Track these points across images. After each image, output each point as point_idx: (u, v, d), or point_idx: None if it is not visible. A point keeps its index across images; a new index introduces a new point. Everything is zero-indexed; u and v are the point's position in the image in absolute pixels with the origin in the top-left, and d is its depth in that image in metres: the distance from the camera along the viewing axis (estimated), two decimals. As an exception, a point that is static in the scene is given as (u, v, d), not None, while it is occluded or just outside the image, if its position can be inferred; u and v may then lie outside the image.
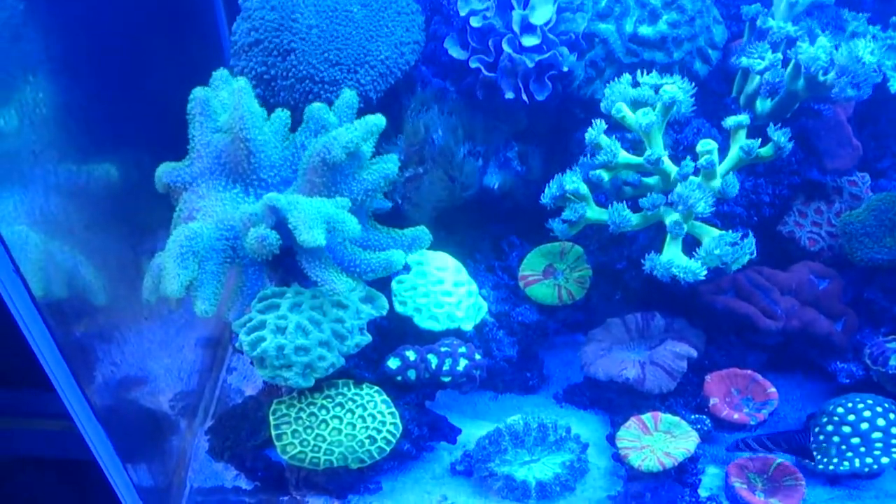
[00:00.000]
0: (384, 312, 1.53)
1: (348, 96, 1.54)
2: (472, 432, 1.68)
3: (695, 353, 1.66)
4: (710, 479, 1.63)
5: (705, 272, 1.44)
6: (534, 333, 1.76)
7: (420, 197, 1.72)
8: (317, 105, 1.51)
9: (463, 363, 1.58)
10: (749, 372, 1.68)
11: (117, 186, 1.50)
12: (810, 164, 1.73)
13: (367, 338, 1.51)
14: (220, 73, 1.60)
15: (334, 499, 1.61)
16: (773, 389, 1.66)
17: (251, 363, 1.48)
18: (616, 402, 1.73)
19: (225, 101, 1.54)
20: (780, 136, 1.46)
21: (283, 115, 1.57)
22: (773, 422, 1.71)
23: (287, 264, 1.52)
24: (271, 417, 1.53)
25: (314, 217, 1.35)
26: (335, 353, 1.47)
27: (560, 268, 1.74)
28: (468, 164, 1.71)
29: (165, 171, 1.53)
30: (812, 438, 1.62)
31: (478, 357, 1.60)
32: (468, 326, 1.66)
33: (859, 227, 1.62)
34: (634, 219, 1.52)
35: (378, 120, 1.44)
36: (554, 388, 1.86)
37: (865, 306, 1.68)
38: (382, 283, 1.63)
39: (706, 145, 1.45)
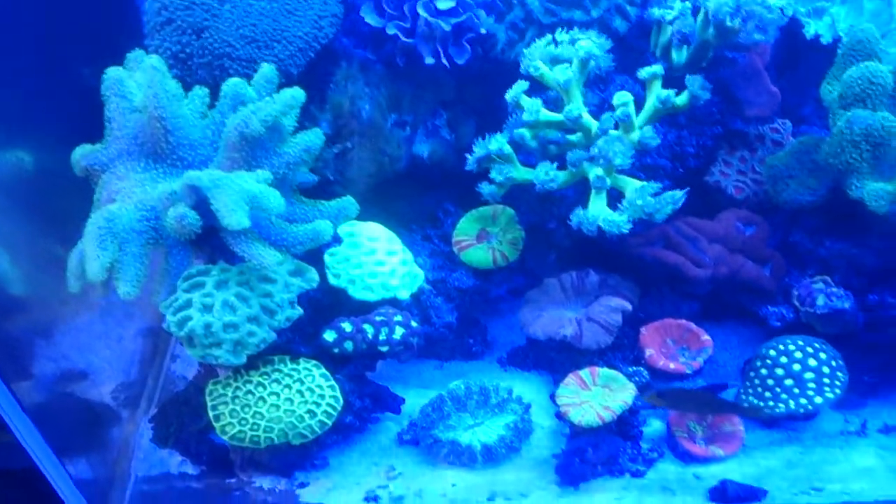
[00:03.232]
0: (314, 285, 1.53)
1: (267, 70, 1.52)
2: (419, 402, 1.68)
3: (629, 307, 1.68)
4: (653, 430, 1.65)
5: (629, 224, 1.45)
6: (472, 299, 1.77)
7: (352, 172, 1.71)
8: (234, 80, 1.50)
9: (399, 331, 1.58)
10: (683, 321, 1.70)
11: (31, 173, 1.47)
12: (732, 114, 1.75)
13: (298, 311, 1.50)
14: (135, 54, 1.57)
15: (281, 477, 1.61)
16: (706, 337, 1.69)
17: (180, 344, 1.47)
18: (557, 360, 1.75)
19: (140, 82, 1.51)
20: (694, 84, 1.48)
21: (200, 92, 1.55)
22: (711, 369, 1.75)
23: (214, 242, 1.51)
24: (207, 398, 1.52)
25: (236, 198, 1.33)
26: (265, 329, 1.46)
27: (493, 231, 1.74)
28: (396, 135, 1.70)
29: (83, 154, 1.50)
30: (748, 383, 1.65)
31: (414, 325, 1.60)
32: (404, 295, 1.66)
33: (783, 170, 1.65)
34: (560, 176, 1.53)
35: (296, 93, 1.42)
36: (498, 353, 1.87)
37: (792, 249, 1.71)
38: (315, 257, 1.63)
39: (622, 98, 1.46)
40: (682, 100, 1.48)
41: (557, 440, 1.65)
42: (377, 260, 1.64)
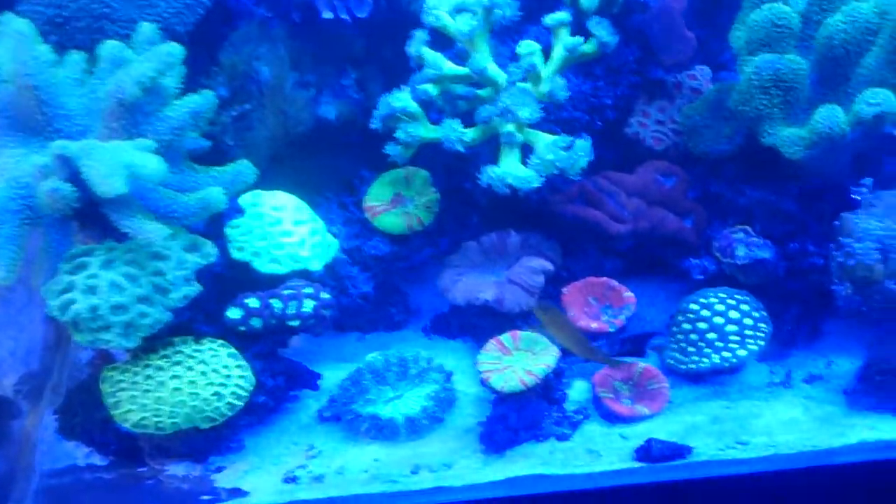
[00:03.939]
0: (213, 260, 1.44)
1: (147, 30, 1.41)
2: (340, 376, 1.61)
3: (551, 267, 1.64)
4: (578, 392, 1.62)
5: (540, 179, 1.39)
6: (391, 267, 1.70)
7: (253, 136, 1.61)
8: (111, 43, 1.38)
9: (310, 304, 1.51)
10: (604, 279, 1.66)
11: None
12: (649, 62, 1.70)
13: (196, 288, 1.41)
14: (3, 19, 1.44)
15: (194, 462, 1.53)
16: (629, 294, 1.65)
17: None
18: (480, 326, 1.69)
19: (6, 49, 1.39)
20: (601, 30, 1.41)
21: (76, 57, 1.43)
22: (637, 326, 1.71)
23: (104, 222, 1.41)
24: (104, 385, 1.43)
25: (109, 165, 1.23)
26: (159, 309, 1.37)
27: (408, 195, 1.67)
28: (298, 96, 1.61)
29: (-52, 132, 1.38)
30: (672, 339, 1.62)
31: (325, 296, 1.53)
32: (316, 266, 1.59)
33: (699, 120, 1.60)
34: (469, 133, 1.46)
35: (173, 49, 1.32)
36: (423, 321, 1.81)
37: (713, 200, 1.67)
38: (219, 230, 1.54)
39: (527, 47, 1.39)
40: (590, 47, 1.42)
41: (483, 407, 1.60)
42: (284, 230, 1.56)
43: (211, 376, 1.44)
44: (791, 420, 1.54)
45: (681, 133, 1.70)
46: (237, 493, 1.46)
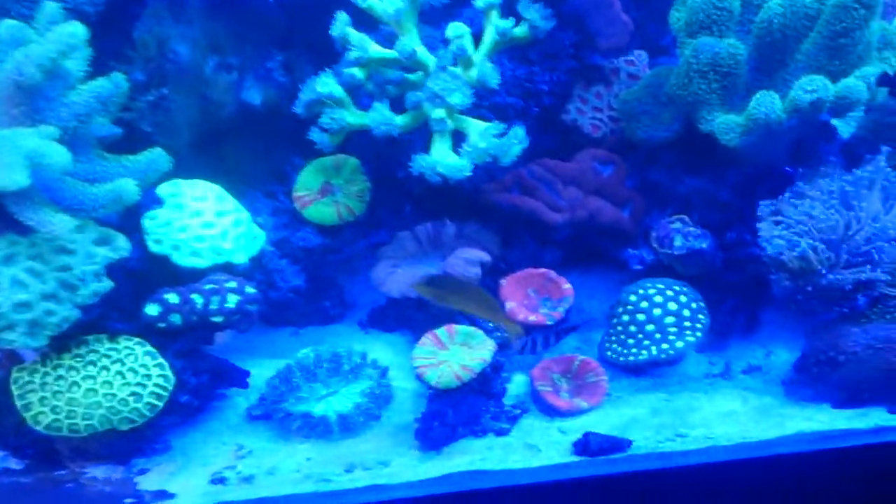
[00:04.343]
0: (125, 254, 1.36)
1: (48, 9, 1.32)
2: (272, 373, 1.55)
3: (487, 258, 1.59)
4: (518, 386, 1.58)
5: (471, 168, 1.34)
6: (324, 258, 1.64)
7: (171, 122, 1.53)
8: (9, 22, 1.29)
9: (233, 299, 1.44)
10: (543, 270, 1.62)
11: None
12: (587, 47, 1.65)
13: (107, 284, 1.34)
14: None
15: (116, 465, 1.46)
16: (567, 286, 1.61)
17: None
18: (416, 319, 1.65)
19: None
20: (532, 13, 1.36)
21: (-27, 38, 1.33)
22: (578, 317, 1.68)
23: (3, 212, 1.32)
24: (13, 387, 1.35)
25: (11, 154, 1.15)
26: (67, 306, 1.29)
27: (337, 183, 1.61)
28: (220, 80, 1.53)
29: None
30: (612, 330, 1.59)
31: (250, 291, 1.47)
32: (241, 259, 1.52)
33: (637, 106, 1.57)
34: (399, 119, 1.40)
35: (75, 28, 1.23)
36: (360, 315, 1.76)
37: (651, 188, 1.64)
38: (135, 223, 1.46)
39: (456, 30, 1.33)
40: (521, 31, 1.37)
41: (421, 404, 1.55)
42: (205, 222, 1.48)
43: (128, 376, 1.37)
44: (729, 412, 1.52)
45: (618, 120, 1.66)
46: (163, 495, 1.40)
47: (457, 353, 1.51)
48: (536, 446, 1.47)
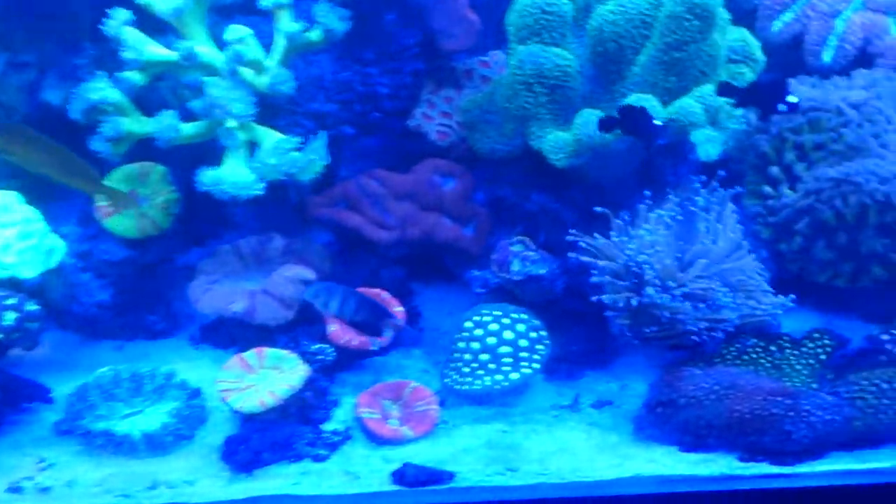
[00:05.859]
0: None
1: None
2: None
3: (312, 276, 1.46)
4: (346, 410, 1.47)
5: (262, 186, 1.20)
6: (130, 272, 1.50)
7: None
8: None
9: (11, 316, 1.33)
10: (377, 290, 1.49)
11: None
12: (432, 47, 1.49)
13: None
14: None
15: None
16: (399, 308, 1.48)
17: None
18: (243, 337, 1.53)
19: None
20: (329, 16, 1.20)
21: None
22: (430, 338, 1.56)
23: None
24: None
25: None
26: None
27: (144, 193, 1.46)
28: (12, 80, 1.38)
29: None
30: (450, 357, 1.47)
31: (31, 308, 1.35)
32: (29, 273, 1.39)
33: (479, 115, 1.41)
34: (187, 129, 1.25)
35: None
36: (193, 329, 1.63)
37: (499, 204, 1.50)
38: None
39: (235, 32, 1.17)
40: (316, 36, 1.21)
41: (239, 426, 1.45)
42: (-16, 233, 1.34)
43: None
44: (568, 447, 1.41)
45: (468, 128, 1.51)
46: (-48, 502, 1.31)
47: (266, 378, 1.41)
48: (356, 473, 1.37)
